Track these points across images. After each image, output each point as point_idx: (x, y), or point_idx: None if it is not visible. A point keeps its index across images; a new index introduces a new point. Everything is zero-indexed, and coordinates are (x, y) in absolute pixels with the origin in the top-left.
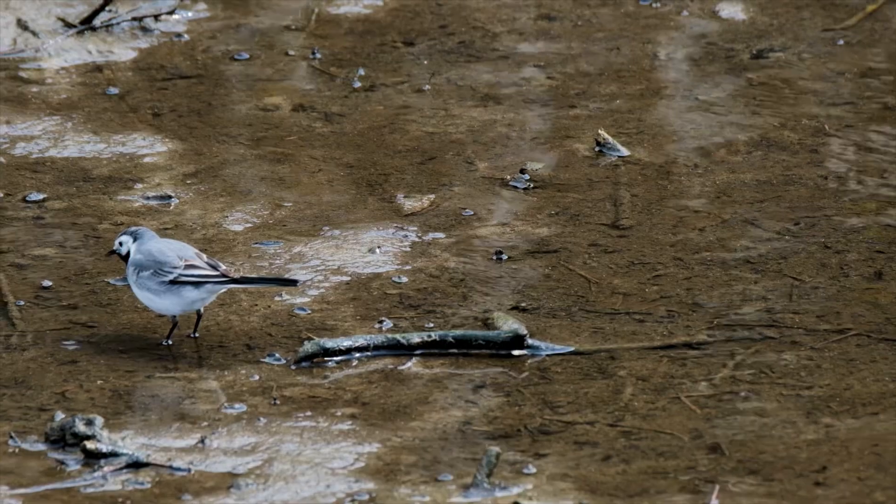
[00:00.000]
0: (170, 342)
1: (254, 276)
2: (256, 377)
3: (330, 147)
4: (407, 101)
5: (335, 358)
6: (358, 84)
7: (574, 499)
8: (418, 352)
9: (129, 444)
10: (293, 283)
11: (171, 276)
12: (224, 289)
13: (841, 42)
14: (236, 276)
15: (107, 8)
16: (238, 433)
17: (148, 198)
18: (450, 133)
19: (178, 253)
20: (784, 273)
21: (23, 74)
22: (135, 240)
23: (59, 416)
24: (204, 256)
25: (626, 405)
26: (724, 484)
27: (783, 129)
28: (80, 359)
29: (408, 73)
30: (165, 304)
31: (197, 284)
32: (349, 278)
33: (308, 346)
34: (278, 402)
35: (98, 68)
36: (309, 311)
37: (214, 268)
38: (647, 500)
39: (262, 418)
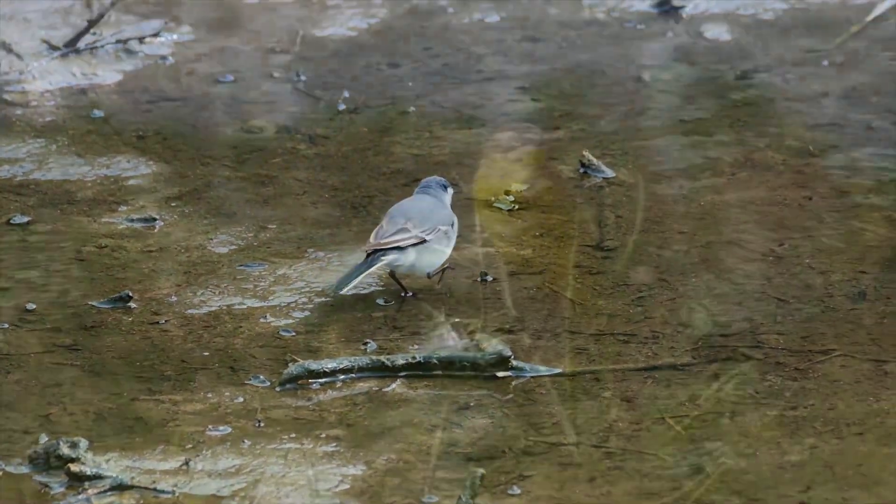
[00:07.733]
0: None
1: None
2: (241, 399)
3: (314, 169)
4: (391, 123)
5: (320, 380)
6: (342, 106)
7: None
8: (403, 374)
9: (114, 466)
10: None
11: None
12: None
13: (825, 63)
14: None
15: (91, 31)
16: (223, 455)
17: (132, 220)
18: (434, 155)
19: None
20: (768, 294)
21: (7, 97)
22: None
23: (44, 438)
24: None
25: (610, 426)
26: None
27: (768, 150)
28: (65, 382)
29: (392, 95)
30: None
31: None
32: (334, 300)
33: (293, 369)
34: (263, 424)
35: (82, 91)
36: (294, 333)
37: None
38: None
39: (246, 440)
